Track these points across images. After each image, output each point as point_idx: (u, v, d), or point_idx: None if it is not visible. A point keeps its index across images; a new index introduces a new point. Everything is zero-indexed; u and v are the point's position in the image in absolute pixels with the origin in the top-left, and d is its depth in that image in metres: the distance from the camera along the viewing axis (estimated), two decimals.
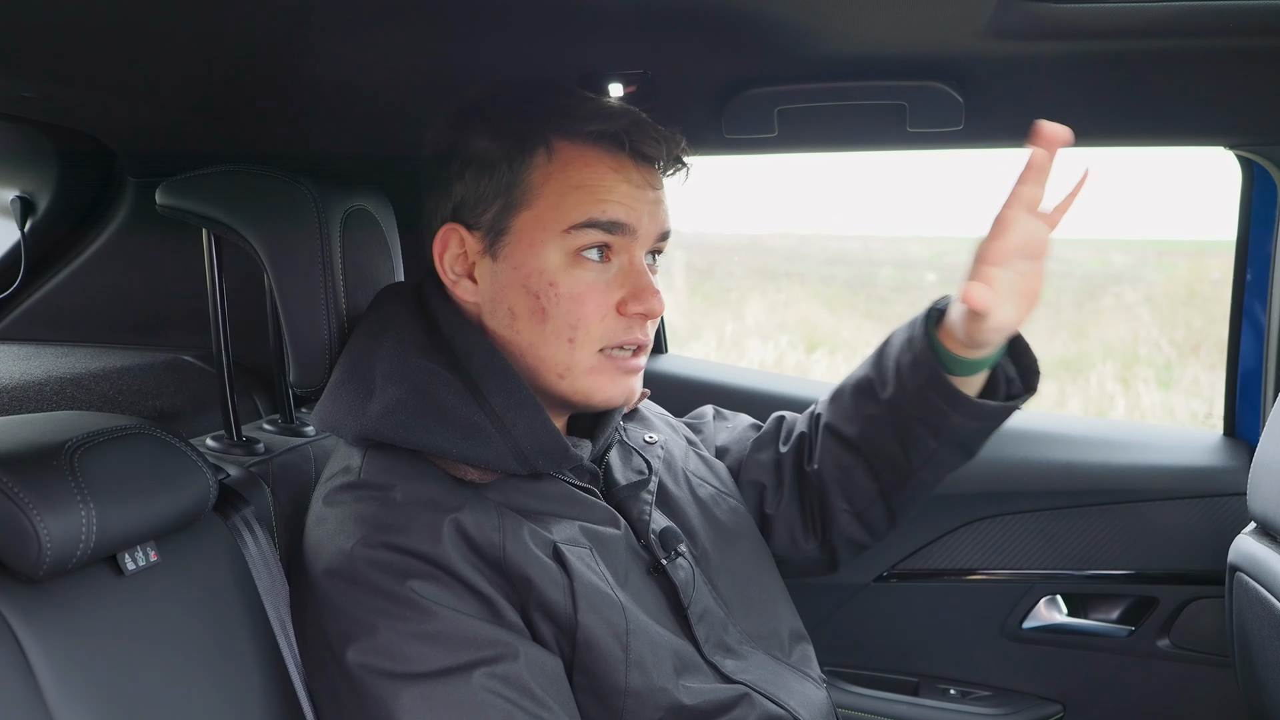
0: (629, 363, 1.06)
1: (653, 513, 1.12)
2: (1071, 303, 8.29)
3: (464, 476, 1.02)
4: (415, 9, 1.03)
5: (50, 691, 0.80)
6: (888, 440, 1.22)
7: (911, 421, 1.19)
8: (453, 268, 1.07)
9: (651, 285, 1.05)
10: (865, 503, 1.27)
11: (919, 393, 1.16)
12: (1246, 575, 1.35)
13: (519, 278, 1.03)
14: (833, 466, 1.27)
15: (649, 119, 1.06)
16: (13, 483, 0.81)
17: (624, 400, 1.08)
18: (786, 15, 1.09)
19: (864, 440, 1.24)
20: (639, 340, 1.06)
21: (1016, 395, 1.19)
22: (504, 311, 1.05)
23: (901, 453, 1.21)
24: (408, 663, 0.92)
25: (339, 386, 1.07)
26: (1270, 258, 1.63)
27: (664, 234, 1.09)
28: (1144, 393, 6.61)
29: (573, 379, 1.05)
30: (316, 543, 1.01)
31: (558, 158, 1.03)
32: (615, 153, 1.03)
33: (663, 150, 1.05)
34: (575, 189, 1.02)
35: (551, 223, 1.02)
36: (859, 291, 9.25)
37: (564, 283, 1.02)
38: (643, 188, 1.05)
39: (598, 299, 1.03)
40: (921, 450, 1.20)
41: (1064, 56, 1.20)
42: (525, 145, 1.03)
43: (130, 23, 0.99)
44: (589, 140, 1.03)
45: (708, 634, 1.09)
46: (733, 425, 1.39)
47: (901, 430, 1.20)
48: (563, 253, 1.02)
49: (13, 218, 1.64)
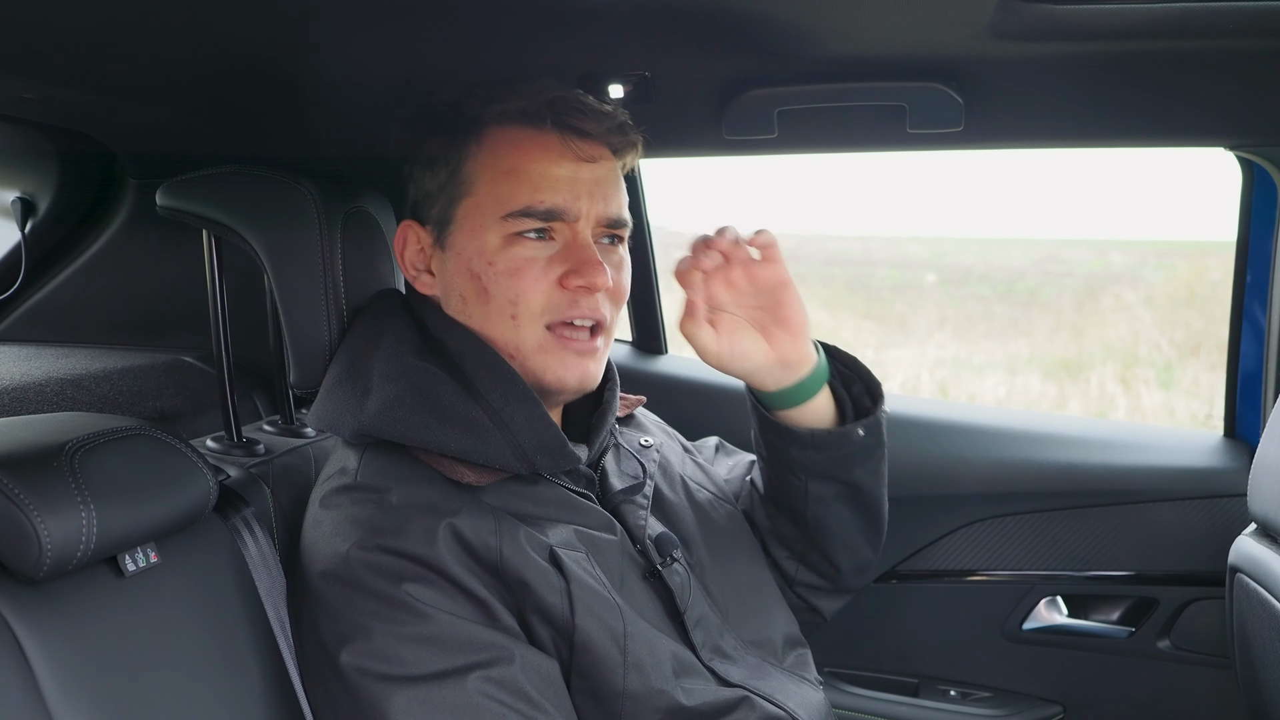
0: (583, 343, 1.06)
1: (648, 518, 1.12)
2: (1071, 303, 8.30)
3: (461, 479, 1.02)
4: (415, 10, 1.03)
5: (50, 692, 0.80)
6: (777, 489, 1.23)
7: (774, 467, 1.21)
8: (413, 264, 1.10)
9: (594, 259, 1.03)
10: (801, 548, 1.26)
11: (762, 436, 1.20)
12: (1247, 576, 1.35)
13: (463, 263, 1.05)
14: (764, 519, 1.28)
15: (580, 95, 1.05)
16: (13, 484, 0.81)
17: (578, 383, 1.07)
18: (787, 16, 1.09)
19: (768, 491, 1.26)
20: (587, 314, 1.05)
21: (864, 415, 1.19)
22: (456, 298, 1.07)
23: (788, 498, 1.22)
24: (402, 665, 0.92)
25: (336, 385, 1.07)
26: (1270, 258, 1.63)
27: (614, 219, 1.07)
28: (1144, 393, 6.62)
29: (522, 358, 1.05)
30: (313, 545, 1.01)
31: (487, 143, 1.05)
32: (541, 130, 1.04)
33: (592, 124, 1.04)
34: (507, 174, 1.03)
35: (490, 209, 1.04)
36: (858, 292, 9.26)
37: (501, 260, 1.03)
38: (577, 165, 1.04)
39: (536, 274, 1.03)
40: (795, 491, 1.20)
41: (1064, 57, 1.20)
42: (459, 137, 1.06)
43: (131, 24, 0.99)
44: (514, 121, 1.04)
45: (704, 639, 1.09)
46: (734, 462, 1.38)
47: (775, 477, 1.22)
48: (500, 235, 1.04)
49: (13, 219, 1.64)
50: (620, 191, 1.09)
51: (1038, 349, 6.94)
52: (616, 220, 1.08)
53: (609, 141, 1.07)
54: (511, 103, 1.04)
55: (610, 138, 1.07)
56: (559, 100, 1.03)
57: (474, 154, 1.05)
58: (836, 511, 1.22)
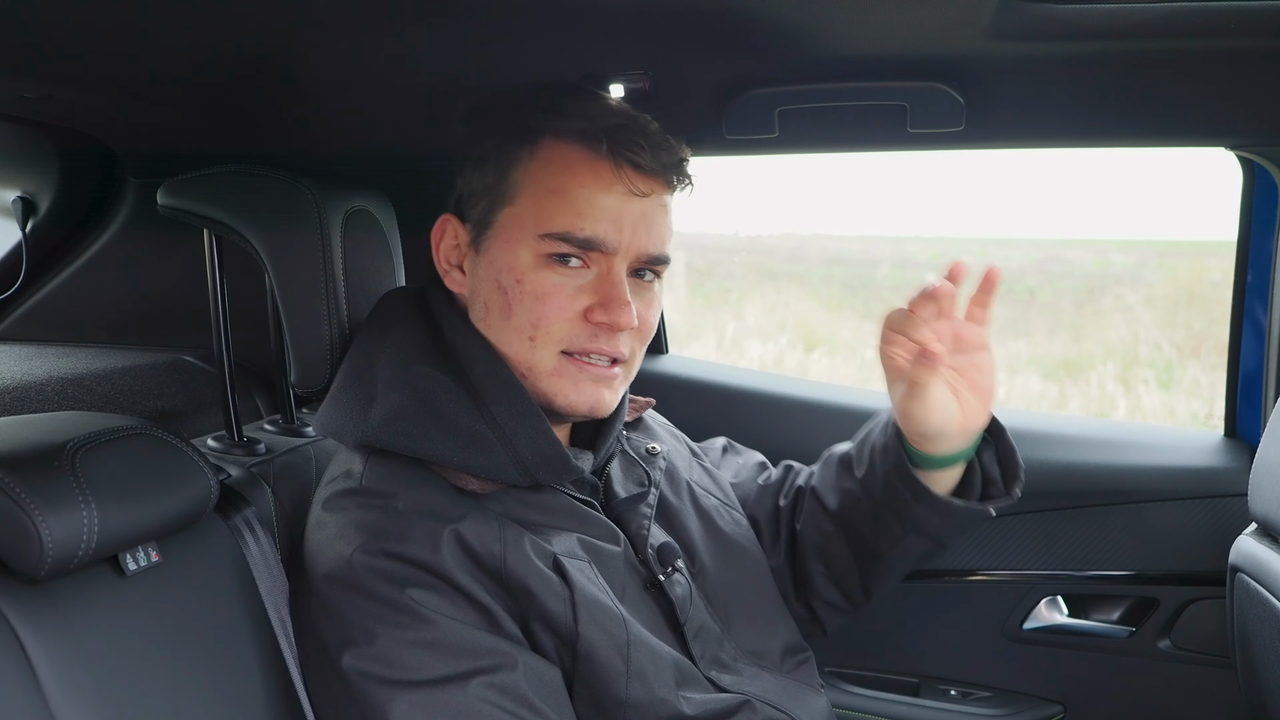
0: (600, 369, 1.03)
1: (651, 527, 1.12)
2: (1071, 303, 8.29)
3: (465, 486, 1.02)
4: (415, 10, 1.03)
5: (52, 691, 0.80)
6: (861, 518, 1.21)
7: (880, 507, 1.18)
8: (447, 257, 1.09)
9: (622, 297, 1.00)
10: (841, 570, 1.25)
11: (886, 479, 1.16)
12: (1247, 576, 1.35)
13: (493, 272, 1.03)
14: (814, 531, 1.26)
15: (644, 124, 1.02)
16: (14, 483, 0.81)
17: (588, 409, 1.04)
18: (787, 16, 1.09)
19: (842, 512, 1.24)
20: (605, 351, 1.02)
21: (996, 496, 1.17)
22: (480, 305, 1.05)
23: (871, 533, 1.20)
24: (405, 670, 0.92)
25: (340, 392, 1.07)
26: (1271, 258, 1.63)
27: (654, 256, 1.04)
28: (1144, 394, 6.61)
29: (534, 379, 1.03)
30: (316, 548, 1.00)
31: (539, 155, 1.02)
32: (596, 155, 1.00)
33: (650, 158, 1.01)
34: (553, 193, 1.00)
35: (529, 224, 1.01)
36: (859, 292, 9.25)
37: (530, 280, 1.01)
38: (627, 196, 1.01)
39: (562, 301, 1.01)
40: (888, 535, 1.19)
41: (1064, 57, 1.20)
42: (512, 140, 1.03)
43: (131, 24, 0.99)
44: (571, 139, 1.01)
45: (703, 650, 1.09)
46: (743, 462, 1.38)
47: (872, 512, 1.20)
48: (534, 254, 1.01)
49: (14, 218, 1.64)
50: (666, 227, 1.05)
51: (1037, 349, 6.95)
52: (657, 257, 1.04)
53: (665, 178, 1.03)
54: (573, 121, 1.00)
55: (666, 174, 1.03)
56: (620, 129, 1.00)
57: (524, 163, 1.02)
58: (911, 561, 1.22)
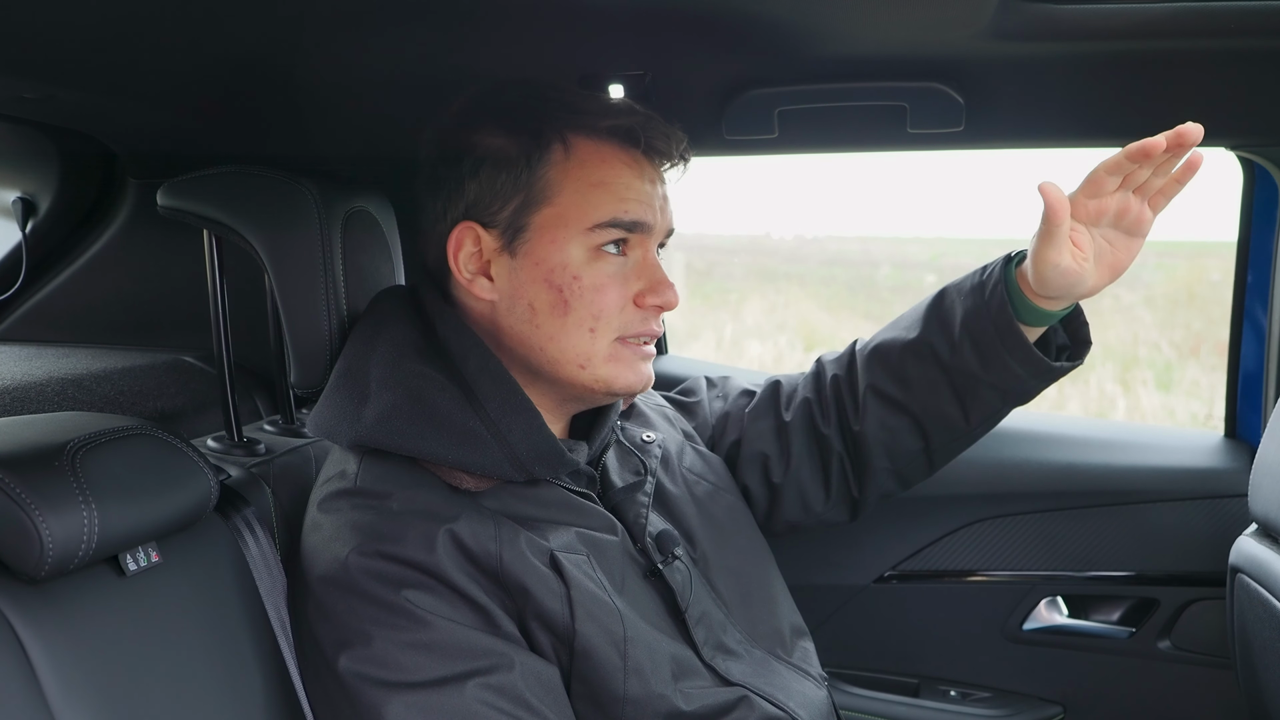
0: (648, 349, 1.09)
1: (649, 515, 1.12)
2: None
3: (460, 485, 1.02)
4: (415, 10, 1.03)
5: (52, 692, 0.80)
6: (945, 403, 1.23)
7: (977, 384, 1.19)
8: (467, 266, 1.06)
9: (666, 279, 1.07)
10: (906, 460, 1.29)
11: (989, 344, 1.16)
12: (1247, 576, 1.35)
13: (541, 273, 1.04)
14: (878, 428, 1.27)
15: (653, 114, 1.08)
16: (14, 483, 0.81)
17: (643, 386, 1.09)
18: (787, 16, 1.09)
19: (916, 402, 1.24)
20: (654, 331, 1.09)
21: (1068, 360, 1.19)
22: (523, 307, 1.05)
23: (961, 414, 1.22)
24: (401, 672, 0.92)
25: (334, 392, 1.07)
26: (1271, 259, 1.63)
27: (670, 230, 1.11)
28: (1144, 394, 6.62)
29: (593, 368, 1.05)
30: (312, 549, 1.00)
31: (575, 154, 1.04)
32: (630, 149, 1.06)
33: (672, 146, 1.08)
34: (595, 187, 1.04)
35: (574, 220, 1.03)
36: (858, 292, 9.26)
37: (587, 275, 1.04)
38: (655, 184, 1.08)
39: (618, 290, 1.05)
40: (983, 409, 1.22)
41: (1064, 57, 1.20)
42: (541, 141, 1.04)
43: (131, 24, 0.99)
44: (604, 136, 1.05)
45: (706, 636, 1.09)
46: (726, 393, 1.39)
47: (964, 392, 1.21)
48: (585, 248, 1.04)
49: (14, 219, 1.64)
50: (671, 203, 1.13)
51: None
52: (671, 231, 1.12)
53: (676, 160, 1.11)
54: (600, 118, 1.05)
55: (677, 157, 1.11)
56: (646, 122, 1.06)
57: (559, 162, 1.04)
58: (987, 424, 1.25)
